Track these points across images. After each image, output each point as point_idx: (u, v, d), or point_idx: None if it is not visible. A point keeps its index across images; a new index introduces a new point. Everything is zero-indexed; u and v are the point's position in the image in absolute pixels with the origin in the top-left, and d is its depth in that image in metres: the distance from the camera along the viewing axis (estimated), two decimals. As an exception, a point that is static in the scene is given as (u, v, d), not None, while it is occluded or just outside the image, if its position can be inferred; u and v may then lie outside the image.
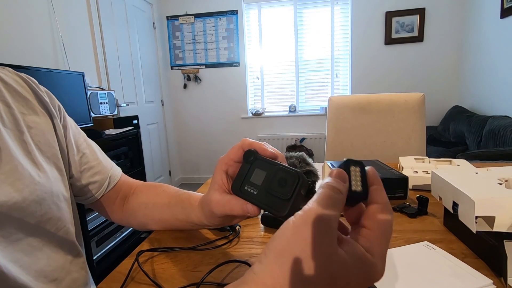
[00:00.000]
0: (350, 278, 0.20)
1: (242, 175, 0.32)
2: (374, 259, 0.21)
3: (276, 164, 0.31)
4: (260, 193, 0.31)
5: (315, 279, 0.19)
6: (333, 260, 0.20)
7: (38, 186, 0.40)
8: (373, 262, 0.21)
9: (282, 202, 0.29)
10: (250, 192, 0.31)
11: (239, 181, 0.32)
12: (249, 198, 0.31)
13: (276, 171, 0.31)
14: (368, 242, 0.22)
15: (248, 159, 0.33)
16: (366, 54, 3.20)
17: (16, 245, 0.37)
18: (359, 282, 0.21)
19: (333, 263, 0.20)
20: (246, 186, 0.32)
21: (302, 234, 0.20)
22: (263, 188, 0.31)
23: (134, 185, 0.57)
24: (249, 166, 0.32)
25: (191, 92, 3.57)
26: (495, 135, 2.08)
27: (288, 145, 3.40)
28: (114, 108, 2.17)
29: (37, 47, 1.79)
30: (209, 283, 0.40)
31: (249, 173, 0.32)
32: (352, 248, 0.21)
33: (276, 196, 0.30)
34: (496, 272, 0.39)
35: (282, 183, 0.30)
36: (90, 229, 1.63)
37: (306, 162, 0.63)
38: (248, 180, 0.32)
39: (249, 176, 0.32)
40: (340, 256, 0.20)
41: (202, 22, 3.40)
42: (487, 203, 0.38)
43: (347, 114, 1.31)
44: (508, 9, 2.34)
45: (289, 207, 0.29)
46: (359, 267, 0.21)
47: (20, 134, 0.41)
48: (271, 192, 0.30)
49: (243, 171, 0.33)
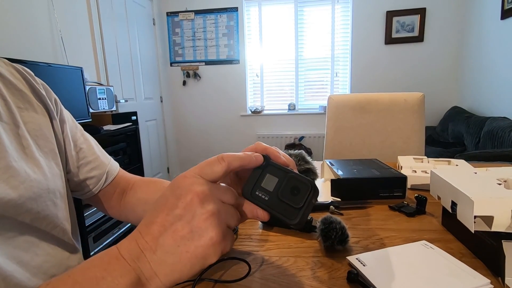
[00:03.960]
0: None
1: (254, 179, 0.32)
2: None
3: (289, 172, 0.32)
4: (271, 199, 0.31)
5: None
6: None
7: (34, 183, 0.39)
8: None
9: (294, 210, 0.30)
10: (261, 198, 0.31)
11: (250, 185, 0.32)
12: (260, 203, 0.31)
13: (289, 179, 0.31)
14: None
15: (260, 164, 0.33)
16: (366, 54, 3.20)
17: (13, 241, 0.37)
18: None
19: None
20: (257, 191, 0.32)
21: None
22: (274, 195, 0.31)
23: (132, 180, 0.57)
24: (260, 171, 0.32)
25: (190, 89, 3.56)
26: (493, 136, 2.09)
27: (287, 144, 3.40)
28: (112, 104, 2.16)
29: (36, 41, 1.78)
30: (207, 280, 0.40)
31: (260, 178, 0.32)
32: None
33: (288, 203, 0.30)
34: (494, 272, 0.39)
35: (295, 191, 0.30)
36: (87, 224, 1.62)
37: (306, 161, 0.63)
38: (259, 185, 0.32)
39: (260, 181, 0.32)
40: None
41: (202, 19, 3.39)
42: (486, 203, 0.38)
43: (346, 113, 1.31)
44: (508, 10, 2.34)
45: (300, 215, 0.29)
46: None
47: (16, 128, 0.41)
48: (282, 199, 0.31)
49: (254, 175, 0.32)
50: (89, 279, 0.24)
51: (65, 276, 0.25)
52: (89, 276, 0.24)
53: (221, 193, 0.28)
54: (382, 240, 0.50)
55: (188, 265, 0.25)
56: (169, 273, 0.25)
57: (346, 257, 0.43)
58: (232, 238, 0.28)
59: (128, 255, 0.25)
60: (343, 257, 0.44)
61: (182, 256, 0.25)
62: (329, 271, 0.41)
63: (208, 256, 0.25)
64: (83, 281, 0.24)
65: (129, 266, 0.25)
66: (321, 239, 0.46)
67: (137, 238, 0.26)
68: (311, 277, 0.40)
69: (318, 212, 0.61)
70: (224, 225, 0.27)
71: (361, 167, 0.73)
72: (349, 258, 0.43)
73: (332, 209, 0.62)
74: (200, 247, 0.25)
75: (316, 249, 0.47)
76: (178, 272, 0.25)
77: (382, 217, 0.59)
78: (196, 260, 0.25)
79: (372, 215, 0.60)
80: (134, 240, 0.26)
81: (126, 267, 0.25)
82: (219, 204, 0.27)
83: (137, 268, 0.25)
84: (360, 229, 0.54)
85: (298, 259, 0.45)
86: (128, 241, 0.26)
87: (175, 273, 0.25)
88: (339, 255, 0.45)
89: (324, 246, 0.46)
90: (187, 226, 0.25)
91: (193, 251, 0.25)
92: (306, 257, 0.45)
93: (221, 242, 0.26)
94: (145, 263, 0.25)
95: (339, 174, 0.68)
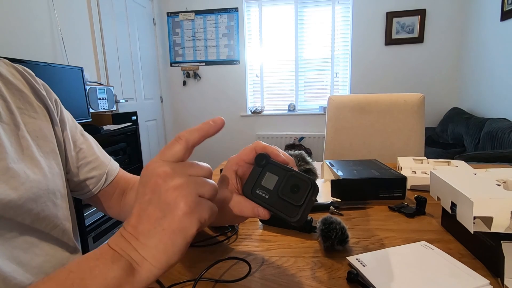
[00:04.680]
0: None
1: (254, 178, 0.33)
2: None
3: (289, 170, 0.32)
4: (271, 197, 0.31)
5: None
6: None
7: (34, 184, 0.39)
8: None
9: (294, 207, 0.30)
10: (262, 196, 0.32)
11: (251, 184, 0.32)
12: (260, 202, 0.32)
13: (289, 177, 0.31)
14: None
15: (260, 162, 0.33)
16: (366, 54, 3.20)
17: (12, 242, 0.37)
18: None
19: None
20: (257, 190, 0.32)
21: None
22: (274, 193, 0.31)
23: (132, 180, 0.57)
24: (260, 169, 0.33)
25: (190, 89, 3.56)
26: (493, 137, 2.09)
27: (286, 144, 3.40)
28: (112, 104, 2.16)
29: (36, 41, 1.78)
30: (207, 280, 0.40)
31: (260, 176, 0.32)
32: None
33: (288, 201, 0.30)
34: (493, 273, 0.39)
35: (295, 189, 0.30)
36: (87, 224, 1.62)
37: (306, 161, 0.63)
38: (259, 184, 0.32)
39: (260, 180, 0.32)
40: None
41: (202, 19, 3.39)
42: (485, 203, 0.38)
43: (346, 113, 1.31)
44: (508, 12, 2.34)
45: (301, 212, 0.30)
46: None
47: (16, 129, 0.40)
48: (283, 197, 0.31)
49: (254, 174, 0.33)
50: (83, 269, 0.25)
51: (61, 269, 0.26)
52: (83, 266, 0.26)
53: (186, 168, 0.28)
54: (382, 240, 0.50)
55: (169, 242, 0.25)
56: (156, 254, 0.26)
57: (346, 257, 0.43)
58: (210, 207, 0.27)
59: (117, 246, 0.27)
60: (343, 258, 0.44)
61: (161, 235, 0.26)
62: (329, 271, 0.41)
63: (185, 228, 0.26)
64: (78, 271, 0.25)
65: (119, 254, 0.26)
66: (321, 240, 0.46)
67: (121, 232, 0.27)
68: (311, 277, 0.40)
69: (318, 213, 0.62)
70: (194, 195, 0.26)
71: (361, 168, 0.73)
72: (349, 258, 0.43)
73: (332, 209, 0.62)
74: (173, 221, 0.25)
75: (316, 249, 0.47)
76: (162, 251, 0.26)
77: (382, 218, 0.59)
78: (175, 235, 0.25)
79: (372, 216, 0.60)
80: (119, 234, 0.27)
81: (116, 255, 0.26)
82: (184, 177, 0.27)
83: (127, 255, 0.26)
84: (360, 230, 0.54)
85: (298, 259, 0.45)
86: (115, 236, 0.28)
87: (160, 253, 0.26)
88: (339, 255, 0.45)
89: (324, 246, 0.46)
90: (157, 206, 0.26)
91: (168, 227, 0.25)
92: (306, 257, 0.45)
93: (195, 212, 0.26)
94: (132, 250, 0.26)
95: (339, 174, 0.68)
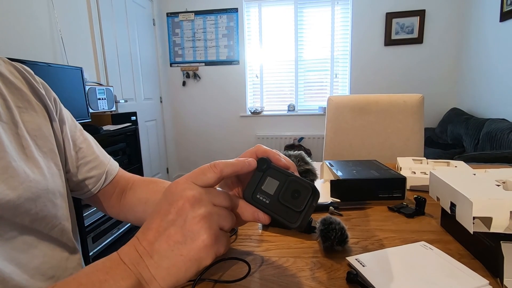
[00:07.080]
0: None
1: (254, 182, 0.33)
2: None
3: (289, 175, 0.32)
4: (272, 202, 0.31)
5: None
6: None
7: (33, 183, 0.39)
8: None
9: (294, 213, 0.30)
10: (262, 201, 0.32)
11: (251, 188, 0.32)
12: (261, 206, 0.32)
13: (290, 182, 0.31)
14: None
15: (261, 167, 0.33)
16: (366, 55, 3.21)
17: (11, 243, 0.37)
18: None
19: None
20: (258, 194, 0.32)
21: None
22: (275, 198, 0.31)
23: (131, 180, 0.57)
24: (261, 174, 0.33)
25: (190, 90, 3.56)
26: (492, 138, 2.09)
27: (286, 144, 3.40)
28: (112, 104, 2.16)
29: (36, 41, 1.78)
30: (207, 280, 0.40)
31: (261, 181, 0.32)
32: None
33: (288, 206, 0.30)
34: (493, 273, 0.39)
35: (295, 195, 0.30)
36: (87, 225, 1.62)
37: (305, 161, 0.63)
38: (260, 188, 0.32)
39: (261, 184, 0.32)
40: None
41: (202, 20, 3.39)
42: (484, 204, 0.38)
43: (346, 114, 1.31)
44: (507, 13, 2.35)
45: (301, 218, 0.30)
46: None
47: (15, 128, 0.40)
48: (283, 202, 0.31)
49: (255, 178, 0.33)
50: (93, 282, 0.25)
51: (70, 279, 0.26)
52: (92, 279, 0.25)
53: (212, 196, 0.28)
54: (381, 240, 0.50)
55: (183, 268, 0.26)
56: (166, 276, 0.26)
57: (345, 257, 0.43)
58: (227, 240, 0.28)
59: (128, 260, 0.26)
60: (342, 258, 0.44)
61: (177, 259, 0.26)
62: (328, 272, 0.41)
63: (201, 259, 0.26)
64: (88, 283, 0.25)
65: (130, 270, 0.26)
66: (321, 240, 0.46)
67: (135, 244, 0.27)
68: (310, 278, 0.40)
69: (317, 213, 0.61)
70: (216, 228, 0.27)
71: (361, 168, 0.73)
72: (348, 258, 0.43)
73: (332, 210, 0.62)
74: (193, 250, 0.26)
75: (316, 250, 0.47)
76: (174, 275, 0.26)
77: (381, 218, 0.59)
78: (190, 263, 0.26)
79: (372, 216, 0.60)
80: (132, 246, 0.27)
81: (127, 271, 0.26)
82: (210, 207, 0.27)
83: (137, 272, 0.26)
84: (360, 230, 0.54)
85: (297, 260, 0.45)
86: (128, 247, 0.27)
87: (171, 276, 0.26)
88: (339, 255, 0.45)
89: (323, 246, 0.46)
90: (180, 230, 0.26)
91: (186, 254, 0.26)
92: (305, 257, 0.45)
93: (214, 245, 0.26)
94: (144, 268, 0.26)
95: (339, 175, 0.68)
